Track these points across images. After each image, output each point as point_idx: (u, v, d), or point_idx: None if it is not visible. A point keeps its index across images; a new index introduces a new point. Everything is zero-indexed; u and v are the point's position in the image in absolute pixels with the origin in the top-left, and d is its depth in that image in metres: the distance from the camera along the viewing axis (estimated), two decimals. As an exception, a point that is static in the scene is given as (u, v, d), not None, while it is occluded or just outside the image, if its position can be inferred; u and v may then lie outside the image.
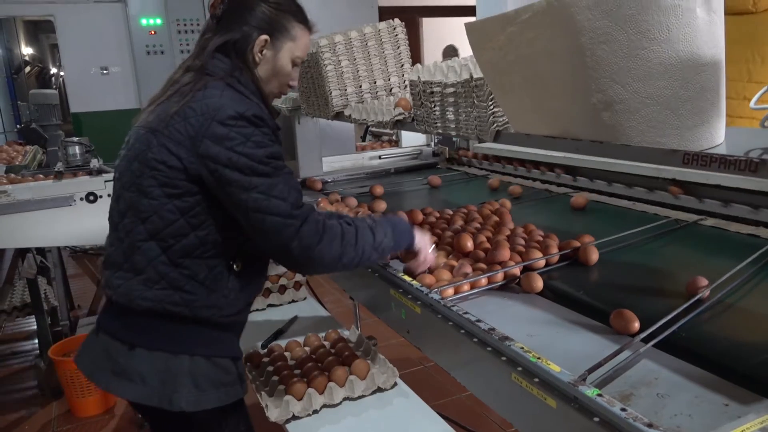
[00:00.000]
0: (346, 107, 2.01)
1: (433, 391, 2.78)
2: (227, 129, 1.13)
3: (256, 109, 1.17)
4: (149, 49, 6.34)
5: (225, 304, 1.23)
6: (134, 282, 1.20)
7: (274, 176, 1.16)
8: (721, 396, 0.88)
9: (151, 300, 1.19)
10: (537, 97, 1.07)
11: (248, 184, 1.13)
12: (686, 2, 0.84)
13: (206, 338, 1.23)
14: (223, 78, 1.20)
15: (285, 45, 1.28)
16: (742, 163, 0.78)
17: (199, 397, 1.20)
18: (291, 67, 1.31)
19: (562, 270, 1.41)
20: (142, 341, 1.21)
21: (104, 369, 1.23)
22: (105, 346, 1.25)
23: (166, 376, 1.19)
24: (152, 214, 1.17)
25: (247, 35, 1.24)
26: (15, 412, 2.89)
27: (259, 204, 1.14)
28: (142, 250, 1.19)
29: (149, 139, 1.17)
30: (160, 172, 1.16)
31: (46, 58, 8.86)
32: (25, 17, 7.73)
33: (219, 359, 1.24)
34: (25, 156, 3.79)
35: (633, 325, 1.06)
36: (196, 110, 1.15)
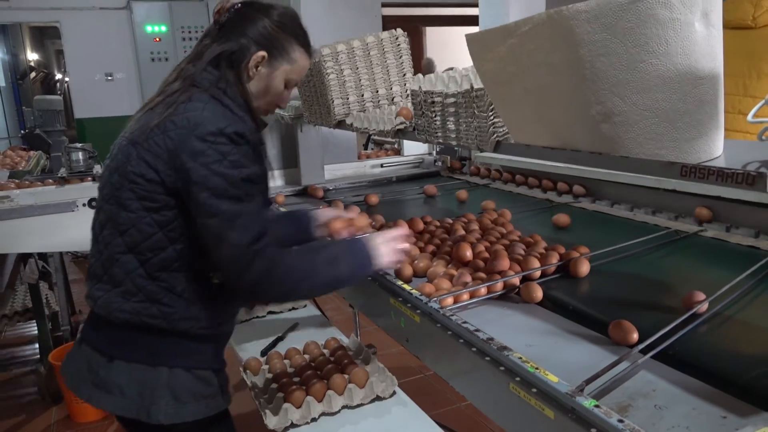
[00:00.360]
0: (348, 116, 2.02)
1: (432, 400, 2.78)
2: (205, 145, 1.11)
3: (238, 126, 1.15)
4: (154, 55, 6.38)
5: (204, 316, 1.22)
6: (113, 294, 1.19)
7: (244, 202, 1.14)
8: (719, 408, 0.88)
9: (129, 312, 1.18)
10: (537, 108, 1.08)
11: (214, 209, 1.11)
12: (685, 16, 0.85)
13: (185, 350, 1.22)
14: (208, 89, 1.18)
15: (281, 65, 1.26)
16: (739, 176, 0.79)
17: (178, 409, 1.19)
18: (283, 87, 1.29)
19: (561, 280, 1.42)
20: (121, 353, 1.20)
21: (86, 380, 1.23)
22: (87, 357, 1.24)
23: (144, 388, 1.18)
24: (130, 227, 1.17)
25: (245, 48, 1.22)
26: (15, 417, 2.89)
27: (219, 232, 1.12)
28: (120, 262, 1.18)
29: (129, 151, 1.16)
30: (138, 185, 1.15)
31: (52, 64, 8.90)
32: (31, 23, 7.77)
33: (199, 371, 1.23)
34: (29, 161, 3.81)
35: (632, 336, 1.06)
36: (176, 123, 1.13)
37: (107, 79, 6.45)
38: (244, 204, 1.14)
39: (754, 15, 2.23)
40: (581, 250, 1.49)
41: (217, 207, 1.11)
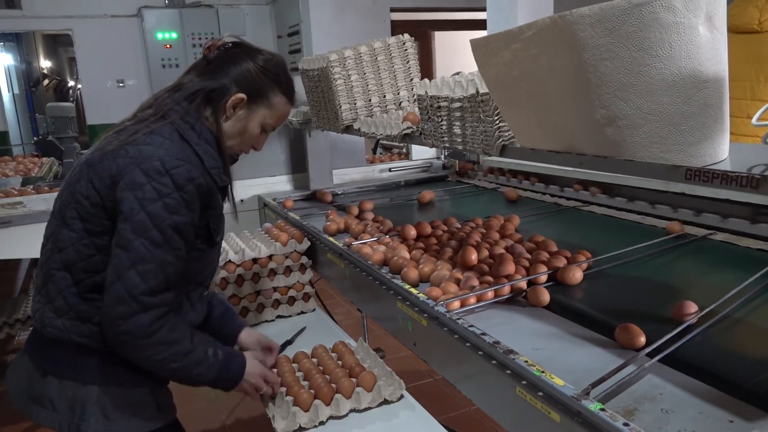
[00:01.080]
0: (356, 121, 2.03)
1: (440, 405, 2.77)
2: (146, 179, 1.10)
3: (188, 169, 1.13)
4: (164, 62, 6.42)
5: None
6: (46, 309, 1.19)
7: (159, 248, 1.10)
8: (726, 412, 0.88)
9: (59, 329, 1.18)
10: (542, 112, 1.08)
11: (126, 243, 1.09)
12: (688, 20, 0.85)
13: (117, 369, 1.20)
14: (174, 122, 1.17)
15: (259, 110, 1.26)
16: (743, 179, 0.79)
17: (107, 427, 1.19)
18: (259, 131, 1.29)
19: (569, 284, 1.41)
20: (52, 368, 1.20)
21: (24, 393, 1.24)
22: (26, 369, 1.25)
23: (74, 405, 1.18)
24: (69, 246, 1.16)
25: (226, 88, 1.22)
26: (24, 421, 2.91)
27: (120, 267, 1.10)
28: (55, 278, 1.18)
29: (83, 171, 1.16)
30: (82, 206, 1.14)
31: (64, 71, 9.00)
32: (44, 31, 7.88)
33: (132, 389, 1.22)
34: (41, 168, 3.85)
35: (639, 340, 1.06)
36: (128, 152, 1.13)
37: (119, 86, 6.50)
38: (160, 251, 1.11)
39: (760, 19, 2.23)
40: (579, 257, 1.48)
41: (129, 242, 1.09)
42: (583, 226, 1.92)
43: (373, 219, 2.06)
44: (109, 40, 6.34)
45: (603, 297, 1.37)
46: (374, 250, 1.68)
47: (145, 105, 1.26)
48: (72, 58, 7.33)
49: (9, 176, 3.59)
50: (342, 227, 2.02)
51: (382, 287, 1.49)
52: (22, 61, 8.30)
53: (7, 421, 2.92)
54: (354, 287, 1.72)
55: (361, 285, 1.64)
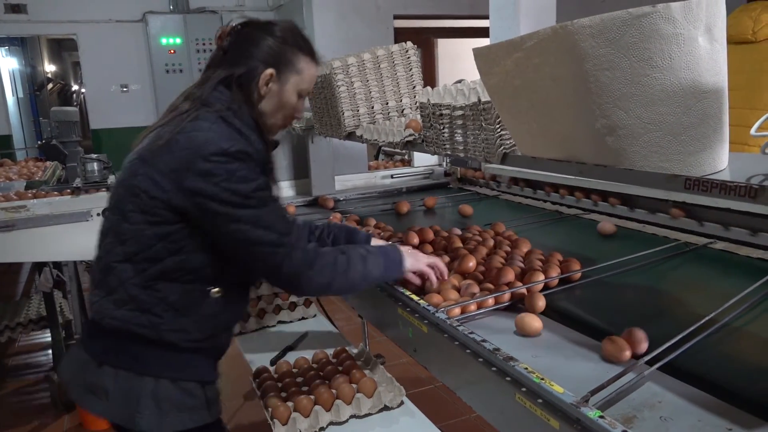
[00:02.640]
0: (358, 127, 2.04)
1: (441, 411, 2.77)
2: (211, 165, 1.14)
3: (242, 145, 1.17)
4: (168, 67, 6.46)
5: (194, 329, 1.24)
6: (106, 301, 1.22)
7: (261, 207, 1.18)
8: (725, 420, 0.88)
9: (119, 320, 1.20)
10: (543, 121, 1.09)
11: (234, 217, 1.15)
12: (688, 31, 0.86)
13: (172, 361, 1.23)
14: (218, 110, 1.20)
15: (290, 78, 1.29)
16: (742, 189, 0.79)
17: (160, 420, 1.20)
18: (296, 99, 1.32)
19: (568, 291, 1.42)
20: (109, 359, 1.22)
21: (78, 382, 1.26)
22: (80, 359, 1.27)
23: (129, 396, 1.20)
24: (130, 238, 1.19)
25: (253, 69, 1.25)
26: (28, 424, 2.92)
27: (247, 235, 1.17)
28: (116, 270, 1.21)
29: (137, 166, 1.19)
30: (141, 200, 1.17)
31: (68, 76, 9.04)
32: (49, 36, 7.91)
33: (185, 383, 1.24)
34: (45, 172, 3.87)
35: (624, 354, 1.04)
36: (181, 143, 1.16)
37: (123, 91, 6.54)
38: (262, 208, 1.18)
39: (754, 29, 2.25)
40: (573, 264, 1.48)
41: (237, 215, 1.16)
42: (584, 234, 1.92)
43: (375, 225, 2.07)
44: (113, 45, 6.39)
45: (603, 305, 1.37)
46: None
47: (176, 103, 1.27)
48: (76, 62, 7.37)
49: (13, 180, 3.61)
50: (344, 233, 2.02)
51: (383, 293, 1.50)
52: (26, 65, 8.34)
53: (7, 424, 2.93)
54: (355, 293, 1.73)
55: (362, 291, 1.65)
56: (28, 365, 3.63)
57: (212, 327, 1.27)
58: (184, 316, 1.22)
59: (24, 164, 4.26)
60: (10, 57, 8.08)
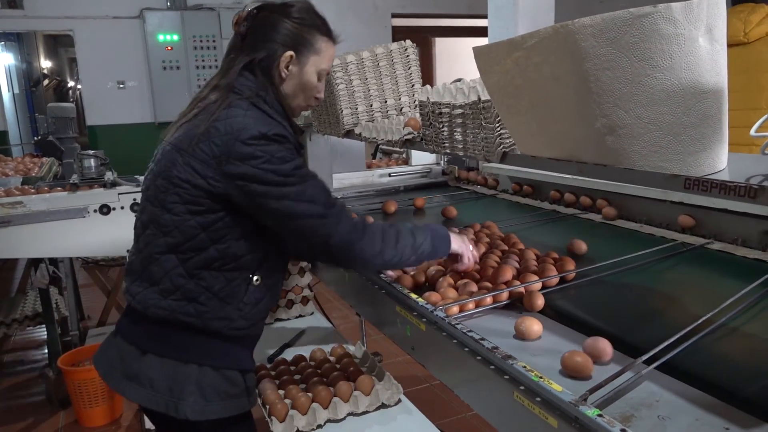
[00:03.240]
0: (357, 126, 2.04)
1: (438, 410, 2.78)
2: (252, 148, 1.16)
3: (279, 128, 1.20)
4: (165, 64, 6.45)
5: (238, 317, 1.26)
6: (150, 291, 1.24)
7: (302, 183, 1.20)
8: (722, 420, 0.88)
9: (165, 309, 1.22)
10: (543, 121, 1.09)
11: (279, 194, 1.17)
12: (689, 31, 0.86)
13: (216, 349, 1.26)
14: (249, 97, 1.23)
15: (310, 59, 1.30)
16: (741, 189, 0.80)
17: (204, 407, 1.22)
18: (317, 80, 1.33)
19: (566, 290, 1.42)
20: (154, 347, 1.24)
21: (117, 371, 1.27)
22: (120, 349, 1.28)
23: (173, 384, 1.22)
24: (173, 229, 1.21)
25: (273, 52, 1.26)
26: (23, 421, 2.91)
27: (293, 210, 1.18)
28: (159, 261, 1.23)
29: (175, 157, 1.20)
30: (183, 190, 1.19)
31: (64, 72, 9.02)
32: (45, 32, 7.89)
33: (227, 371, 1.26)
34: (41, 168, 3.85)
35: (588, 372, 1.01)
36: (220, 130, 1.17)
37: (119, 87, 6.52)
38: (304, 184, 1.20)
39: (745, 31, 2.27)
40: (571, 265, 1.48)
41: (280, 192, 1.17)
42: (581, 233, 1.92)
43: (373, 223, 2.07)
44: (110, 41, 6.37)
45: (601, 304, 1.38)
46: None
47: (201, 95, 1.28)
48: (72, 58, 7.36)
49: (9, 176, 3.59)
50: (341, 231, 2.02)
51: (381, 291, 1.50)
52: (22, 61, 8.31)
53: (2, 421, 2.92)
54: (353, 291, 1.73)
55: (359, 289, 1.65)
56: (24, 362, 3.62)
57: (253, 314, 1.29)
58: (228, 305, 1.24)
59: (20, 160, 4.25)
60: (6, 52, 8.05)
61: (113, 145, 6.19)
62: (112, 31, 6.40)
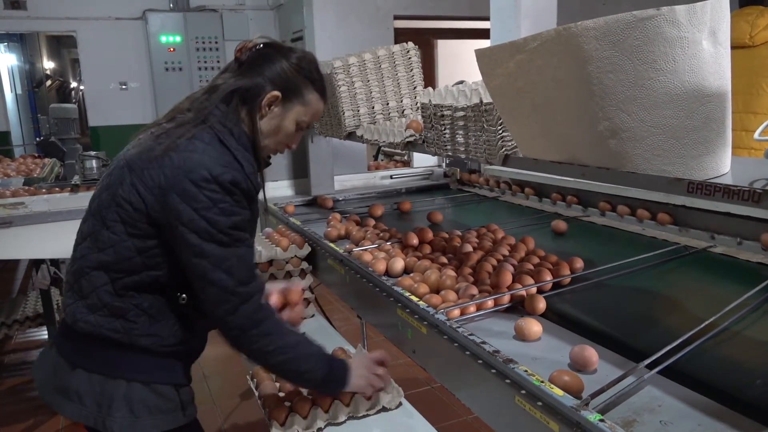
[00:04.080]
0: (359, 128, 2.04)
1: (439, 413, 2.77)
2: (197, 190, 1.12)
3: (233, 174, 1.15)
4: (168, 65, 6.44)
5: (167, 334, 1.23)
6: (79, 305, 1.21)
7: (230, 247, 1.15)
8: (725, 425, 0.88)
9: (92, 324, 1.19)
10: (545, 123, 1.09)
11: (200, 251, 1.13)
12: (692, 34, 0.86)
13: (145, 365, 1.22)
14: (213, 126, 1.19)
15: (295, 107, 1.27)
16: (745, 193, 0.79)
17: (133, 422, 1.20)
18: (294, 128, 1.30)
19: (568, 293, 1.42)
20: (82, 362, 1.21)
21: (51, 385, 1.25)
22: (54, 362, 1.26)
23: (101, 399, 1.19)
24: (109, 247, 1.18)
25: (260, 86, 1.23)
26: (23, 422, 2.91)
27: (206, 273, 1.14)
28: (89, 276, 1.20)
29: (124, 175, 1.17)
30: (124, 211, 1.16)
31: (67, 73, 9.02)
32: (48, 32, 7.89)
33: (158, 386, 1.23)
34: (43, 169, 3.85)
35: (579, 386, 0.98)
36: (173, 161, 1.14)
37: (122, 88, 6.52)
38: (231, 249, 1.16)
39: (751, 34, 2.26)
40: (577, 263, 1.48)
41: (204, 249, 1.13)
42: (583, 236, 1.92)
43: (374, 225, 2.07)
44: (112, 42, 6.36)
45: (602, 307, 1.37)
46: (375, 256, 1.68)
47: (182, 107, 1.26)
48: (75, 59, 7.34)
49: (11, 177, 3.59)
50: (343, 233, 2.02)
51: (382, 294, 1.49)
52: (25, 62, 8.31)
53: (3, 422, 2.92)
54: (354, 294, 1.73)
55: (361, 291, 1.64)
56: (25, 362, 3.61)
57: (185, 333, 1.26)
58: (158, 322, 1.22)
59: (22, 161, 4.25)
60: (8, 53, 8.05)
61: (115, 146, 6.16)
62: (114, 32, 6.41)
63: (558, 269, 1.45)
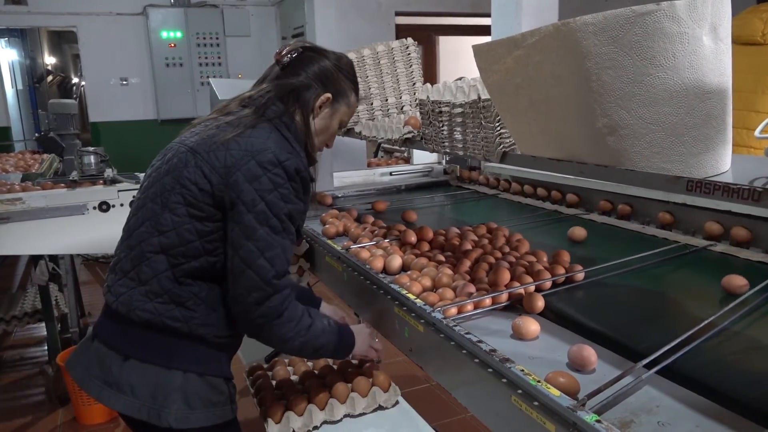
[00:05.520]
0: (357, 124, 2.03)
1: (436, 410, 2.77)
2: (262, 171, 1.16)
3: (297, 161, 1.21)
4: (168, 61, 6.45)
5: (222, 324, 1.25)
6: (136, 292, 1.21)
7: (279, 235, 1.19)
8: (723, 426, 0.87)
9: (151, 312, 1.20)
10: (543, 120, 1.07)
11: (252, 233, 1.16)
12: (692, 30, 0.84)
13: (200, 355, 1.23)
14: (272, 120, 1.24)
15: (341, 107, 1.35)
16: (745, 191, 0.78)
17: (188, 414, 1.20)
18: (337, 128, 1.37)
19: (566, 292, 1.41)
20: (136, 352, 1.21)
21: (96, 377, 1.23)
22: (99, 353, 1.24)
23: (156, 390, 1.19)
24: (171, 230, 1.19)
25: (311, 85, 1.29)
26: (22, 418, 2.91)
27: (250, 257, 1.17)
28: (150, 261, 1.20)
29: (188, 158, 1.20)
30: (189, 191, 1.18)
31: (68, 68, 9.01)
32: (49, 28, 7.89)
33: (212, 378, 1.24)
34: (42, 164, 3.85)
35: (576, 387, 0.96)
36: (240, 144, 1.18)
37: (122, 84, 6.52)
38: (280, 237, 1.19)
39: (764, 31, 2.23)
40: (572, 267, 1.46)
41: (256, 231, 1.17)
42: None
43: (373, 222, 2.06)
44: (113, 37, 6.36)
45: (601, 306, 1.36)
46: (373, 254, 1.67)
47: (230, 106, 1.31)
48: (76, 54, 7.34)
49: (9, 172, 3.59)
50: (341, 230, 2.01)
51: (380, 292, 1.48)
52: (26, 57, 8.32)
53: (1, 418, 2.91)
54: (352, 291, 1.72)
55: (358, 289, 1.63)
56: (23, 359, 3.62)
57: (234, 324, 1.27)
58: (215, 311, 1.23)
59: (21, 156, 4.24)
60: (9, 48, 8.06)
61: (116, 141, 6.20)
62: (115, 27, 6.41)
63: (556, 268, 1.43)
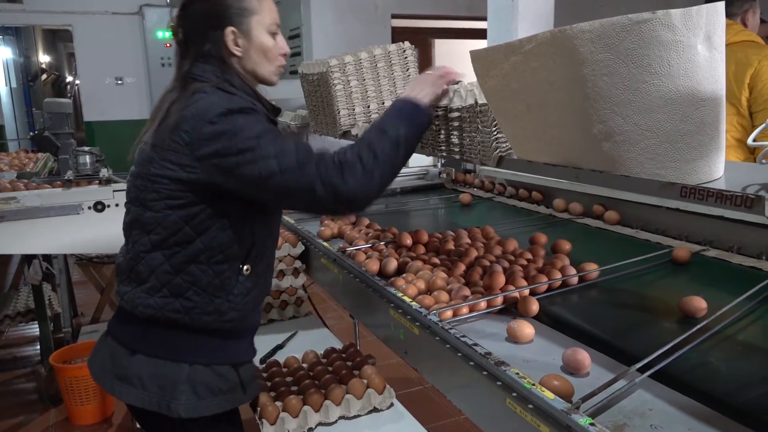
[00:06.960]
0: (354, 126, 2.03)
1: (431, 412, 2.77)
2: (219, 125, 1.13)
3: (244, 103, 1.18)
4: (164, 61, 6.44)
5: (228, 309, 1.25)
6: (138, 290, 1.23)
7: (274, 141, 1.14)
8: (715, 430, 0.88)
9: (153, 307, 1.22)
10: (539, 125, 1.08)
11: (253, 158, 1.12)
12: (687, 38, 0.86)
13: (206, 346, 1.25)
14: (212, 82, 1.21)
15: (252, 23, 1.24)
16: (738, 198, 0.79)
17: (197, 404, 1.22)
18: (272, 38, 1.28)
19: (561, 296, 1.42)
20: (142, 347, 1.24)
21: (109, 372, 1.27)
22: (111, 350, 1.28)
23: (164, 382, 1.22)
24: (156, 226, 1.21)
25: (215, 38, 1.24)
26: (14, 418, 2.89)
27: (271, 168, 1.12)
28: (145, 260, 1.22)
29: (151, 155, 1.20)
30: (162, 185, 1.18)
31: (63, 67, 8.97)
32: (44, 26, 7.86)
33: (218, 366, 1.26)
34: (36, 163, 3.83)
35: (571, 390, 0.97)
36: (187, 117, 1.16)
37: (117, 83, 6.51)
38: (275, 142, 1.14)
39: None
40: (589, 266, 1.48)
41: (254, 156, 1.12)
42: (576, 239, 1.92)
43: (368, 225, 2.06)
44: (109, 37, 6.35)
45: (595, 310, 1.37)
46: (368, 256, 1.68)
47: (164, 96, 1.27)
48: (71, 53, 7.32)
49: (3, 171, 3.57)
50: (336, 232, 2.02)
51: (375, 294, 1.49)
52: (20, 55, 8.27)
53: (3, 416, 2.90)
54: (347, 293, 1.72)
55: (354, 291, 1.64)
56: (16, 358, 3.60)
57: (245, 305, 1.28)
58: (218, 298, 1.24)
59: (15, 155, 4.22)
60: (4, 47, 8.01)
61: (110, 141, 6.18)
62: (111, 26, 6.39)
63: (551, 271, 1.44)
